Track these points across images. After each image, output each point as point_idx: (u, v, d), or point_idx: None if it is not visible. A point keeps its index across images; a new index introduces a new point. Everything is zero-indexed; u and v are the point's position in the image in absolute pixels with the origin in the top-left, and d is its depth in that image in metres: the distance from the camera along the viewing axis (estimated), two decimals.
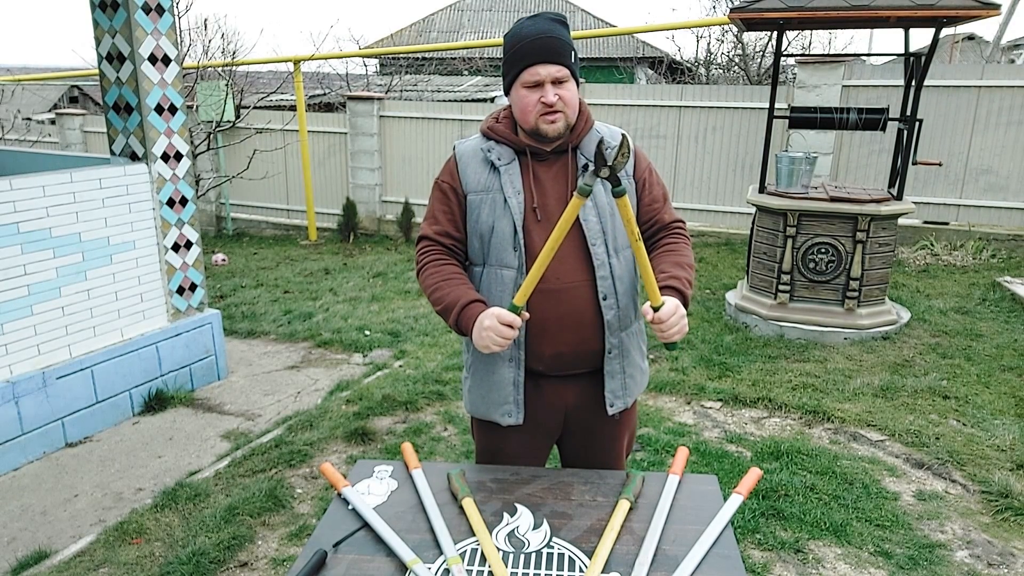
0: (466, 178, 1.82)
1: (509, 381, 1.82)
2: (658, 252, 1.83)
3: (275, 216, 10.12)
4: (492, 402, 1.86)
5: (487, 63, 16.52)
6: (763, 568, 2.67)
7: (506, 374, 1.82)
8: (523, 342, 1.79)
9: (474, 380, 1.90)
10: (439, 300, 1.76)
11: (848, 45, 20.86)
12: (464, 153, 1.86)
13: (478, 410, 1.91)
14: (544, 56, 1.71)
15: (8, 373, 3.60)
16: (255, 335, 5.60)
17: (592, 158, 1.78)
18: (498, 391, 1.84)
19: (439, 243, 1.85)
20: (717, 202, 8.22)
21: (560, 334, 1.78)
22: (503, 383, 1.83)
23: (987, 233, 7.31)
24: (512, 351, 1.80)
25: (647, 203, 1.87)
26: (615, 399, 1.85)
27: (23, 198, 3.60)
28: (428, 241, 1.87)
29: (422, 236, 1.88)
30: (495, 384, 1.84)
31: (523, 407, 1.84)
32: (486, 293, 1.80)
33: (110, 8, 4.02)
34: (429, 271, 1.82)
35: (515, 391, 1.82)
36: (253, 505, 3.10)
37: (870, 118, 5.12)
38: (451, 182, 1.85)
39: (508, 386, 1.82)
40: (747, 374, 4.49)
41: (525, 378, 1.82)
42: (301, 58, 9.34)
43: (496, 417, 1.86)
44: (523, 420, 1.85)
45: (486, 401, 1.87)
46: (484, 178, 1.81)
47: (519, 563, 1.41)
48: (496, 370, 1.83)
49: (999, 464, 3.37)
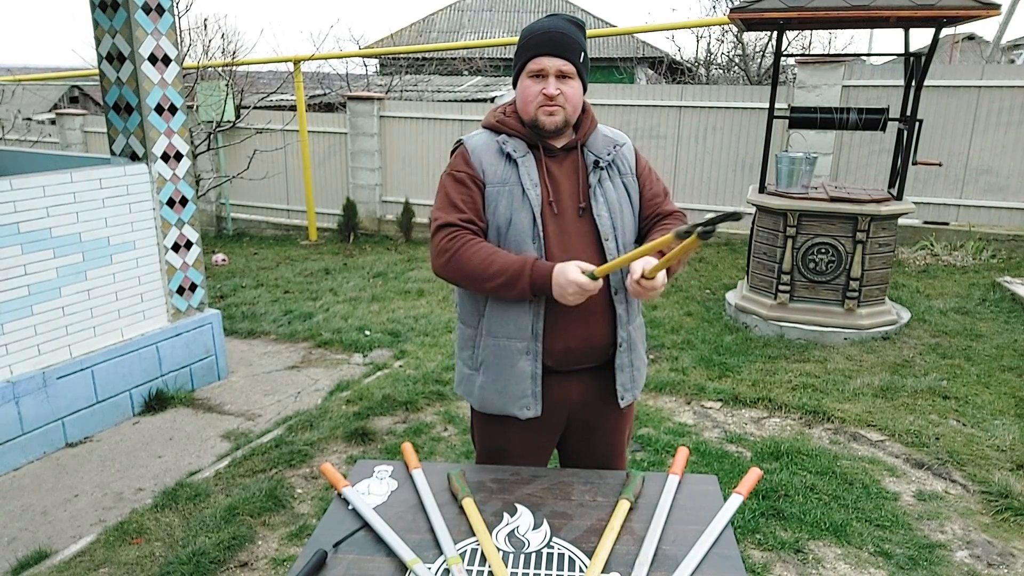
0: (483, 169, 1.81)
1: (528, 375, 1.82)
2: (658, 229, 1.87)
3: (275, 216, 10.12)
4: (510, 396, 1.84)
5: (487, 63, 16.51)
6: (763, 568, 2.67)
7: (525, 367, 1.81)
8: (540, 335, 1.79)
9: (487, 376, 1.87)
10: (500, 271, 1.69)
11: (848, 45, 20.88)
12: (477, 146, 1.85)
13: (493, 405, 1.88)
14: (550, 49, 1.74)
15: (8, 373, 3.60)
16: (255, 335, 5.60)
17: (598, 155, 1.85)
18: (516, 384, 1.83)
19: (467, 229, 1.77)
20: (717, 202, 8.21)
21: (571, 329, 1.79)
22: (522, 376, 1.82)
23: (987, 233, 7.31)
24: (530, 344, 1.80)
25: (649, 198, 1.91)
26: (625, 392, 1.88)
27: (23, 198, 3.60)
28: (454, 227, 1.77)
29: (443, 224, 1.78)
30: (513, 378, 1.83)
31: (540, 400, 1.84)
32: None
33: (110, 8, 4.02)
34: (471, 249, 1.73)
35: (533, 384, 1.82)
36: (253, 505, 3.10)
37: (870, 118, 5.12)
38: (470, 172, 1.81)
39: (527, 380, 1.82)
40: (747, 374, 4.49)
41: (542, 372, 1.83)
42: (301, 58, 9.34)
43: (514, 411, 1.85)
44: (541, 412, 1.85)
45: (503, 396, 1.85)
46: (501, 170, 1.80)
47: (519, 563, 1.41)
48: (514, 363, 1.82)
49: (999, 464, 3.37)
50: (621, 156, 1.88)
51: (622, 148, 1.89)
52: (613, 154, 1.86)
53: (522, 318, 1.78)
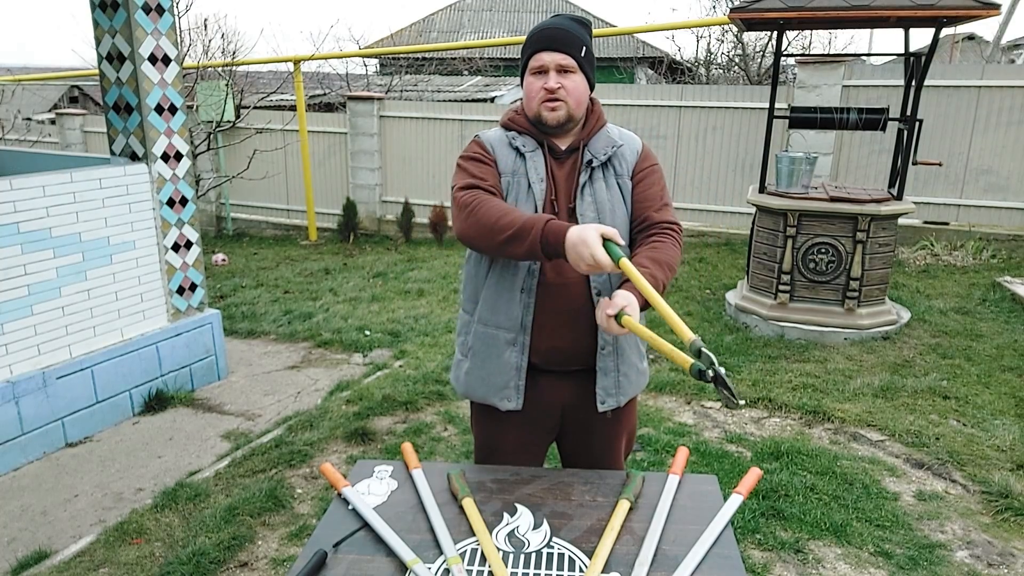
0: (497, 158, 1.84)
1: (512, 365, 1.82)
2: (640, 248, 1.77)
3: (275, 216, 10.12)
4: (492, 385, 1.85)
5: (487, 63, 16.52)
6: (763, 568, 2.67)
7: (510, 358, 1.82)
8: (529, 328, 1.79)
9: (473, 363, 1.88)
10: (513, 221, 1.62)
11: (848, 45, 20.84)
12: (492, 138, 1.87)
13: (476, 393, 1.89)
14: (550, 44, 1.75)
15: (8, 373, 3.60)
16: (255, 335, 5.60)
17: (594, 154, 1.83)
18: (499, 375, 1.83)
19: (488, 192, 1.75)
20: (717, 202, 8.22)
21: (557, 329, 1.79)
22: (506, 367, 1.82)
23: (987, 233, 7.31)
24: (518, 335, 1.80)
25: (639, 200, 1.84)
26: (606, 396, 1.85)
27: (23, 198, 3.60)
28: (474, 188, 1.75)
29: (464, 186, 1.76)
30: (498, 367, 1.83)
31: (523, 393, 1.83)
32: (500, 275, 1.80)
33: (110, 8, 4.02)
34: (490, 203, 1.69)
35: (516, 376, 1.83)
36: (253, 505, 3.10)
37: (870, 118, 5.12)
38: (490, 156, 1.83)
39: (511, 370, 1.82)
40: (747, 374, 4.48)
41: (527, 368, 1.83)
42: (301, 58, 9.34)
43: (495, 401, 1.85)
44: (522, 406, 1.84)
45: (486, 384, 1.86)
46: (512, 162, 1.82)
47: (519, 563, 1.41)
48: (500, 353, 1.82)
49: (999, 464, 3.37)
50: (619, 156, 1.85)
51: (621, 148, 1.86)
52: (609, 153, 1.83)
53: (513, 309, 1.79)
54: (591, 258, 1.50)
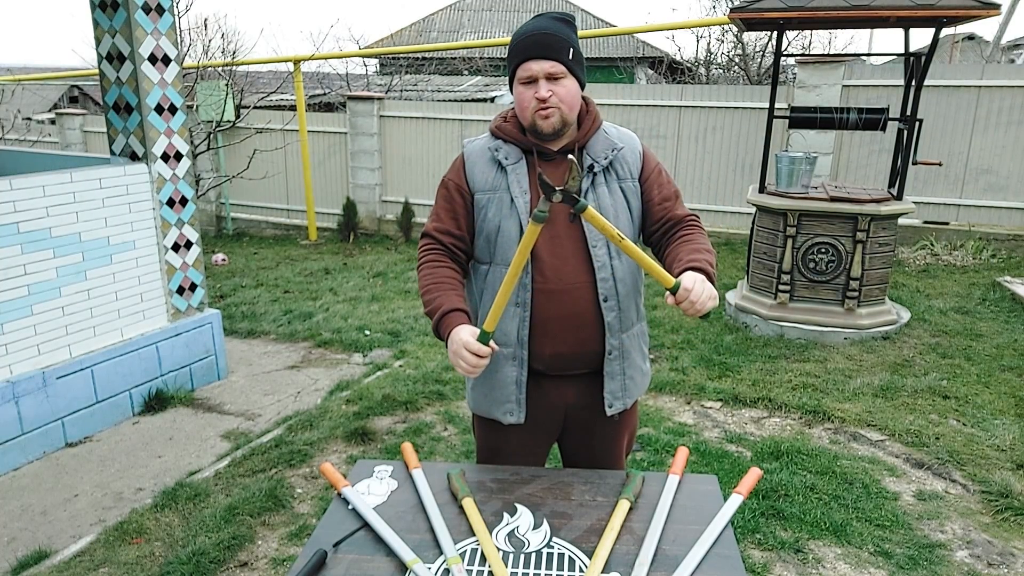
0: (473, 177, 1.83)
1: (512, 380, 1.82)
2: (674, 243, 1.80)
3: (275, 216, 10.12)
4: (494, 400, 1.86)
5: (487, 63, 16.52)
6: (763, 568, 2.67)
7: (509, 373, 1.82)
8: (526, 341, 1.79)
9: (477, 378, 1.88)
10: (427, 303, 1.77)
11: (848, 45, 20.84)
12: (472, 152, 1.86)
13: (480, 407, 1.92)
14: (536, 52, 1.71)
15: (8, 373, 3.60)
16: (255, 335, 5.60)
17: (595, 159, 1.81)
18: (500, 390, 1.84)
19: (439, 242, 1.85)
20: (717, 202, 8.21)
21: (561, 335, 1.78)
22: (506, 382, 1.83)
23: (987, 233, 7.31)
24: (516, 350, 1.80)
25: (658, 202, 1.85)
26: (614, 400, 1.85)
27: (23, 198, 3.60)
28: (429, 239, 1.87)
29: (424, 233, 1.90)
30: (498, 383, 1.84)
31: (525, 406, 1.84)
32: (492, 291, 1.80)
33: (110, 8, 4.02)
34: (424, 271, 1.83)
35: (517, 390, 1.83)
36: (253, 505, 3.10)
37: (870, 118, 5.12)
38: (458, 181, 1.85)
39: (511, 385, 1.83)
40: (747, 374, 4.49)
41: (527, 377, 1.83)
42: (301, 58, 9.34)
43: (498, 416, 1.86)
44: (524, 419, 1.85)
45: (488, 399, 1.88)
46: (491, 177, 1.81)
47: (519, 563, 1.41)
48: (499, 369, 1.83)
49: (999, 464, 3.37)
50: (620, 159, 1.83)
51: (622, 151, 1.84)
52: (611, 157, 1.81)
53: (508, 323, 1.78)
54: (468, 362, 1.59)
